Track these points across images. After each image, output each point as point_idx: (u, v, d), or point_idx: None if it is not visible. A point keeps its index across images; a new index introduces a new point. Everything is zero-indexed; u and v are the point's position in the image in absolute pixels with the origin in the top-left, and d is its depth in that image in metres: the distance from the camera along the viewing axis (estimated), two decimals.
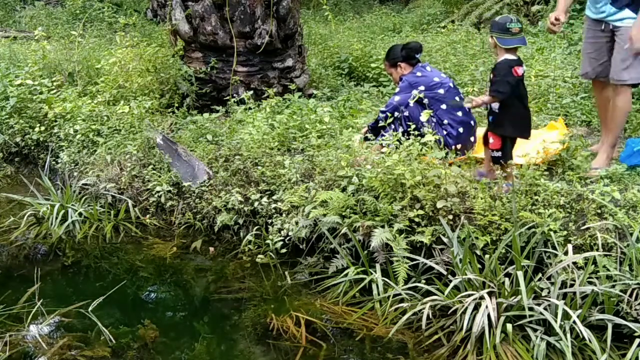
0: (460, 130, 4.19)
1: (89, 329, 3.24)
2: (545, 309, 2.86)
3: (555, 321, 2.75)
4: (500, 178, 3.54)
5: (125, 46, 5.70)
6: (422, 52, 4.56)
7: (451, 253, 3.25)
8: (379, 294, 3.36)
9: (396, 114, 4.25)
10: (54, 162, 5.34)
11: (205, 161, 4.60)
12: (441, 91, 4.23)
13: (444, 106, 4.21)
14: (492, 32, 3.55)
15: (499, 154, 3.57)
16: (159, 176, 4.63)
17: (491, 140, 3.62)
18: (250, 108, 5.18)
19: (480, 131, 4.48)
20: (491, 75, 3.55)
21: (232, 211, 4.25)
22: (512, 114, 3.53)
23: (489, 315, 2.87)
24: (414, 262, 3.38)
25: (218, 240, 4.36)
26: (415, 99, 4.19)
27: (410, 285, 3.33)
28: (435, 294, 3.17)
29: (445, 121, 4.18)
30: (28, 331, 3.23)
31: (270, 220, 4.09)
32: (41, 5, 11.77)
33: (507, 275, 3.08)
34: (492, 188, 3.48)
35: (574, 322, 2.72)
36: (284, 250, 3.91)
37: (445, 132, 4.15)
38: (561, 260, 2.97)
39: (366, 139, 4.30)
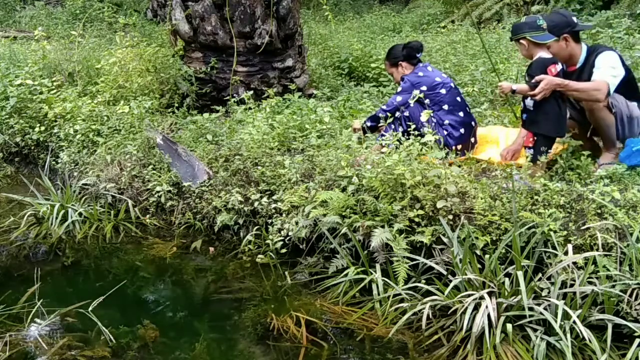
0: (462, 131, 4.19)
1: (89, 329, 3.23)
2: (545, 309, 2.86)
3: (555, 321, 2.75)
4: (502, 176, 3.55)
5: (125, 46, 5.70)
6: (423, 52, 4.56)
7: (451, 253, 3.25)
8: (379, 294, 3.35)
9: (396, 113, 4.25)
10: (54, 162, 5.34)
11: (205, 161, 4.59)
12: (443, 91, 4.22)
13: (445, 107, 4.21)
14: (523, 34, 3.57)
15: (530, 151, 3.61)
16: (159, 176, 4.63)
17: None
18: (250, 108, 5.18)
19: (481, 131, 4.49)
20: (526, 76, 3.61)
21: (232, 211, 4.25)
22: (547, 112, 3.57)
23: (489, 315, 2.87)
24: (414, 262, 3.38)
25: (218, 240, 4.36)
26: (415, 99, 4.19)
27: (410, 285, 3.32)
28: (435, 294, 3.17)
29: (447, 121, 4.18)
30: (28, 331, 3.23)
31: (270, 220, 4.08)
32: (41, 5, 11.80)
33: (507, 275, 3.08)
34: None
35: (574, 322, 2.72)
36: (284, 250, 3.91)
37: (445, 133, 4.15)
38: (561, 260, 2.97)
39: (364, 131, 4.33)
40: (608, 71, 3.53)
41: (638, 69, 4.96)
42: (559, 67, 3.58)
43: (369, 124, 4.39)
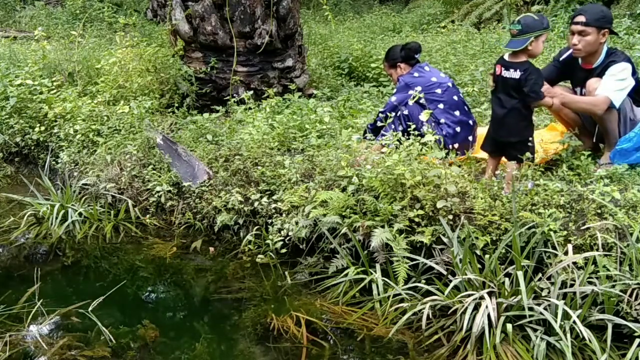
0: (457, 129, 4.19)
1: (89, 329, 3.24)
2: (545, 309, 2.86)
3: (555, 321, 2.75)
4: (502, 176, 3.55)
5: (125, 46, 5.70)
6: (422, 52, 4.56)
7: (451, 253, 3.25)
8: (379, 294, 3.35)
9: (394, 113, 4.25)
10: (54, 162, 5.34)
11: (205, 161, 4.59)
12: (438, 91, 4.22)
13: (441, 106, 4.21)
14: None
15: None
16: (159, 176, 4.63)
17: None
18: (250, 108, 5.18)
19: (481, 131, 4.48)
20: None
21: (232, 211, 4.25)
22: None
23: (489, 315, 2.87)
24: (414, 262, 3.38)
25: (218, 240, 4.36)
26: (415, 99, 4.18)
27: (410, 285, 3.32)
28: (435, 294, 3.17)
29: (442, 120, 4.18)
30: (28, 331, 3.23)
31: (270, 220, 4.08)
32: (41, 5, 11.80)
33: (507, 275, 3.08)
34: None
35: (574, 322, 2.72)
36: (284, 250, 3.91)
37: (443, 133, 4.15)
38: (561, 260, 2.97)
39: (365, 138, 4.31)
40: (614, 85, 3.52)
41: (638, 69, 4.96)
42: (505, 72, 3.45)
43: (369, 136, 4.35)
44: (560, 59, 3.91)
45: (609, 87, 3.52)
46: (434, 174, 3.47)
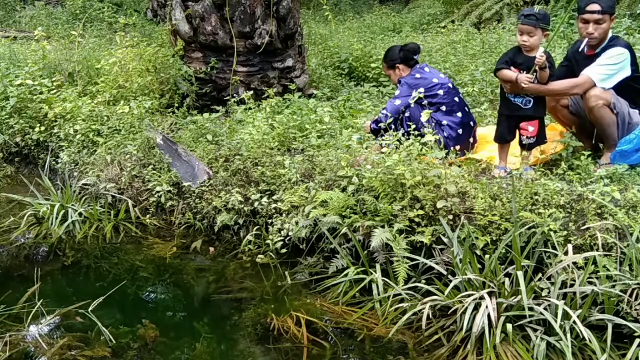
0: (460, 131, 4.19)
1: (89, 329, 3.24)
2: (545, 309, 2.86)
3: (555, 321, 2.75)
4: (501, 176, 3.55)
5: (125, 46, 5.70)
6: (422, 53, 4.55)
7: (451, 253, 3.25)
8: (379, 294, 3.35)
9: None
10: (54, 162, 5.34)
11: (205, 161, 4.59)
12: (440, 92, 4.22)
13: (443, 108, 4.21)
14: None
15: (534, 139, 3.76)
16: (159, 176, 4.63)
17: (531, 128, 3.72)
18: (250, 108, 5.18)
19: (481, 131, 4.48)
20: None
21: (232, 211, 4.25)
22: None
23: (489, 315, 2.87)
24: (414, 262, 3.38)
25: (218, 240, 4.36)
26: (415, 100, 4.18)
27: (410, 285, 3.33)
28: (435, 294, 3.17)
29: (445, 122, 4.18)
30: (28, 331, 3.23)
31: (270, 220, 4.08)
32: (41, 5, 11.79)
33: (507, 275, 3.08)
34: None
35: (574, 322, 2.72)
36: (284, 250, 3.91)
37: (445, 134, 4.15)
38: (561, 260, 2.97)
39: (375, 132, 4.30)
40: (601, 69, 3.52)
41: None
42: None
43: (374, 126, 4.36)
44: (569, 54, 3.94)
45: (596, 69, 3.52)
46: (434, 174, 3.47)
